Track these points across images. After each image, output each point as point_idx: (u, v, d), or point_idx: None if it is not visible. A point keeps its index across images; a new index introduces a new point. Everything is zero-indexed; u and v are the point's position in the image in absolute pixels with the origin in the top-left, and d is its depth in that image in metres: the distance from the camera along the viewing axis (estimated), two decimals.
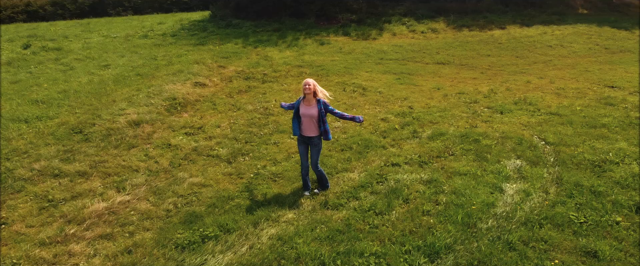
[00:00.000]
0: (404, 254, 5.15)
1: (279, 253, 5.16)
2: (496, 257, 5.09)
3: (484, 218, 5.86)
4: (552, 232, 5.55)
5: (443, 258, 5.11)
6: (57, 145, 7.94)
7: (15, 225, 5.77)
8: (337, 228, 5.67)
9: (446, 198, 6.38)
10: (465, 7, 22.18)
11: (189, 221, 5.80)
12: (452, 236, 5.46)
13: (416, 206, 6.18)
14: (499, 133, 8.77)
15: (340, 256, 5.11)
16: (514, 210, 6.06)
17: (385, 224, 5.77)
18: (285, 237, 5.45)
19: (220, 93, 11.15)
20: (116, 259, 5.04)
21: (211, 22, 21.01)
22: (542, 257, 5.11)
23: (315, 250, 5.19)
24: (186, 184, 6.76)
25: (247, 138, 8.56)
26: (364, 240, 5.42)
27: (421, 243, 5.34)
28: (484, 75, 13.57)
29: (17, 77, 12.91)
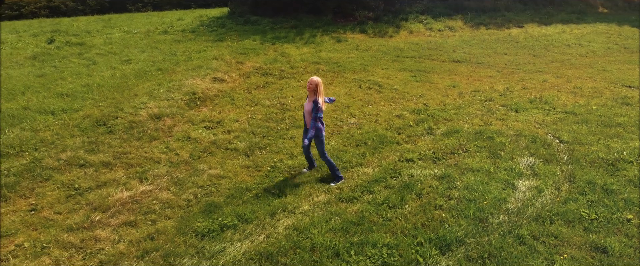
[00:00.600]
0: (415, 246, 5.30)
1: (295, 243, 5.35)
2: (506, 251, 5.21)
3: (495, 213, 5.98)
4: (562, 228, 5.65)
5: (454, 250, 5.25)
6: (82, 137, 8.24)
7: (44, 211, 6.06)
8: (351, 220, 5.84)
9: (459, 193, 6.51)
10: (483, 5, 22.11)
11: (208, 211, 6.03)
12: (464, 229, 5.59)
13: (429, 200, 6.32)
14: (513, 131, 8.84)
15: (354, 247, 5.28)
16: (525, 206, 6.17)
17: (398, 217, 5.92)
18: (300, 227, 5.64)
19: (239, 88, 11.39)
20: (140, 245, 5.29)
21: (230, 19, 21.28)
22: (551, 251, 5.21)
23: (330, 240, 5.37)
24: (206, 176, 7.00)
25: (264, 133, 8.78)
26: (377, 231, 5.58)
27: (433, 235, 5.48)
28: (500, 73, 13.59)
29: (43, 71, 13.30)
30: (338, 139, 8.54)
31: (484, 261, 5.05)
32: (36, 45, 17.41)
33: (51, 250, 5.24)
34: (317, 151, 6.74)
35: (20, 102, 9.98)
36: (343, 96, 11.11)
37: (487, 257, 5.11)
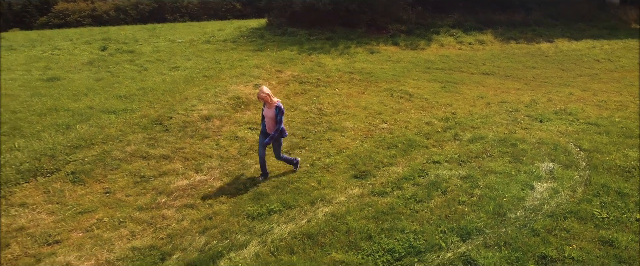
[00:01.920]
0: (439, 233, 6.01)
1: (333, 227, 6.14)
2: (521, 240, 5.87)
3: (513, 209, 6.64)
4: (574, 224, 6.27)
5: (473, 238, 5.94)
6: (142, 133, 9.27)
7: (116, 193, 7.04)
8: (382, 210, 6.60)
9: (480, 191, 7.19)
10: (514, 19, 22.57)
11: (256, 198, 6.89)
12: (483, 221, 6.28)
13: (453, 197, 7.02)
14: (536, 139, 9.43)
15: (384, 232, 6.04)
16: (541, 204, 6.80)
17: (424, 210, 6.64)
18: (337, 214, 6.43)
19: (279, 95, 12.29)
20: (200, 223, 6.18)
21: (268, 30, 22.37)
22: (562, 243, 5.85)
23: (363, 226, 6.14)
24: (252, 169, 7.88)
25: (303, 134, 9.63)
26: (405, 220, 6.32)
27: (455, 225, 6.19)
28: (527, 86, 14.12)
29: (99, 75, 14.54)
30: (371, 142, 9.31)
31: (499, 247, 5.72)
32: (90, 52, 18.81)
33: (127, 224, 6.19)
34: (274, 153, 7.57)
35: (85, 102, 11.13)
36: (375, 104, 11.89)
37: (503, 245, 5.78)
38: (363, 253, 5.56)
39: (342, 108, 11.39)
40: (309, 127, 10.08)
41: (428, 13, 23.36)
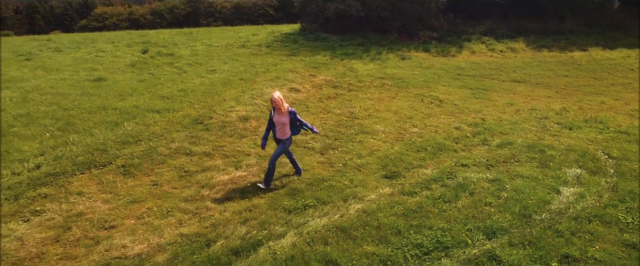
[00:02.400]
0: (465, 231, 6.33)
1: (364, 222, 6.53)
2: (545, 240, 6.13)
3: (538, 211, 6.89)
4: (599, 227, 6.48)
5: (498, 237, 6.23)
6: (184, 132, 9.86)
7: (163, 186, 7.60)
8: (411, 208, 6.96)
9: (507, 194, 7.45)
10: (547, 27, 22.52)
11: (292, 194, 7.34)
12: (509, 222, 6.56)
13: (480, 198, 7.31)
14: (565, 146, 9.61)
15: (413, 228, 6.39)
16: (567, 207, 7.03)
17: (451, 209, 6.96)
18: (369, 211, 6.82)
19: (312, 98, 12.77)
20: (241, 214, 6.67)
21: (301, 35, 22.93)
22: (585, 244, 6.08)
23: (393, 222, 6.51)
24: (288, 167, 8.33)
25: (336, 136, 10.05)
26: (433, 218, 6.66)
27: (481, 224, 6.49)
28: (558, 94, 14.21)
29: (142, 76, 15.31)
30: (401, 145, 9.66)
31: (524, 246, 6.00)
32: (132, 55, 19.70)
33: (174, 213, 6.72)
34: (273, 153, 7.54)
35: (131, 102, 11.83)
36: (406, 108, 12.22)
37: (527, 244, 6.06)
38: (393, 247, 5.93)
39: (374, 112, 11.77)
40: (341, 129, 10.49)
41: (460, 20, 23.53)
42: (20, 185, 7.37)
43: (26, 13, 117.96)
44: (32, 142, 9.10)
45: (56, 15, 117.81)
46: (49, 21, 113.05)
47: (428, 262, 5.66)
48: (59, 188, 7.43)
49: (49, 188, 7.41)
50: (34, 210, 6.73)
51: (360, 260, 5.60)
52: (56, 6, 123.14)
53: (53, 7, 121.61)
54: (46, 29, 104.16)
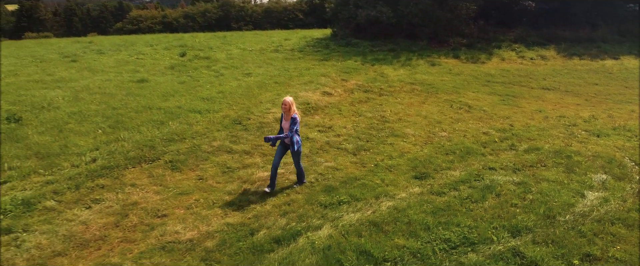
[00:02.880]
0: (491, 229, 6.71)
1: (395, 217, 6.99)
2: (568, 240, 6.47)
3: (563, 213, 7.22)
4: (621, 229, 6.78)
5: (523, 235, 6.60)
6: (225, 131, 10.49)
7: (208, 180, 8.22)
8: (440, 207, 7.37)
9: (532, 196, 7.79)
10: (578, 35, 22.50)
11: (327, 191, 7.85)
12: (533, 222, 6.92)
13: (506, 199, 7.67)
14: (592, 152, 9.85)
15: (441, 225, 6.81)
16: (590, 210, 7.33)
17: (478, 209, 7.35)
18: (399, 208, 7.27)
19: (344, 102, 13.27)
20: (280, 207, 7.21)
21: (332, 41, 23.50)
22: (607, 245, 6.39)
23: (423, 218, 6.94)
24: (323, 166, 8.85)
25: (367, 138, 10.53)
26: (461, 216, 7.06)
27: (506, 223, 6.86)
28: (588, 102, 14.34)
29: (181, 79, 16.09)
30: (430, 148, 10.06)
31: (547, 244, 6.36)
32: (171, 57, 20.60)
33: (219, 204, 7.32)
34: (294, 161, 7.88)
35: (173, 102, 12.56)
36: (435, 113, 12.60)
37: (551, 242, 6.41)
38: (422, 241, 6.37)
39: (404, 116, 12.20)
40: (372, 131, 10.96)
41: (490, 27, 23.71)
42: (79, 176, 8.09)
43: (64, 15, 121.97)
44: (87, 137, 9.87)
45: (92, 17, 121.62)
46: (86, 23, 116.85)
47: (455, 256, 6.07)
48: (114, 179, 8.12)
49: (105, 179, 8.11)
50: (94, 199, 7.43)
51: (392, 251, 6.06)
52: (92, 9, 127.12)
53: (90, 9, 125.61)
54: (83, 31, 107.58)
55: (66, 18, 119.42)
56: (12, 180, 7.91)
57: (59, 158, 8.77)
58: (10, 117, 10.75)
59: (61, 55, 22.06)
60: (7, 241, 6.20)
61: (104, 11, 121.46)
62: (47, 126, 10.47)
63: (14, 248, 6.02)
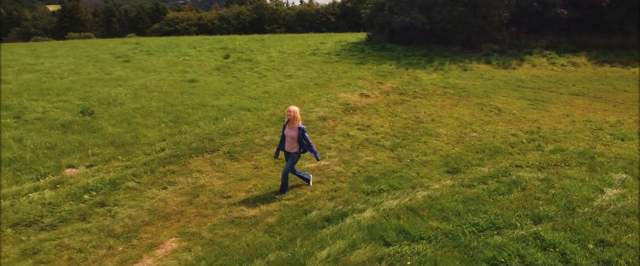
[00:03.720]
0: (515, 216, 7.59)
1: (429, 204, 7.93)
2: (584, 228, 7.29)
3: (582, 206, 8.02)
4: (634, 221, 7.54)
5: (544, 223, 7.45)
6: (273, 127, 11.61)
7: (263, 169, 9.34)
8: (469, 197, 8.28)
9: (554, 191, 8.60)
10: (611, 43, 22.84)
11: (368, 180, 8.85)
12: (554, 212, 7.75)
13: (530, 193, 8.51)
14: (614, 154, 10.54)
15: (471, 212, 7.72)
16: (608, 204, 8.11)
17: (504, 200, 8.22)
18: (433, 197, 8.21)
19: (381, 103, 14.24)
20: (328, 193, 8.25)
21: (367, 45, 24.47)
22: (621, 233, 7.18)
23: (454, 206, 7.87)
24: (363, 160, 9.86)
25: (403, 136, 11.48)
26: (488, 205, 7.95)
27: (529, 212, 7.72)
28: (615, 108, 14.91)
29: (227, 79, 17.34)
30: (461, 146, 10.95)
31: (565, 231, 7.20)
32: (215, 59, 21.95)
33: (274, 189, 8.41)
34: (285, 168, 8.21)
35: (224, 101, 13.78)
36: (467, 115, 13.44)
37: (569, 230, 7.24)
38: (453, 224, 7.31)
39: (437, 118, 13.09)
40: (408, 131, 11.90)
41: (522, 34, 24.26)
42: (152, 162, 9.32)
43: (103, 16, 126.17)
44: (153, 130, 11.14)
45: (130, 18, 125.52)
46: (123, 24, 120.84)
47: (483, 237, 6.99)
48: (182, 166, 9.33)
49: (174, 166, 9.32)
50: (168, 181, 8.63)
51: (427, 231, 7.02)
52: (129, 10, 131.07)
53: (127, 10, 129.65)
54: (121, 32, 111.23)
55: (105, 19, 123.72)
56: (96, 164, 9.21)
57: (132, 147, 10.05)
58: (85, 111, 12.13)
59: (113, 55, 23.69)
60: (103, 212, 7.43)
61: (141, 12, 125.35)
62: (117, 119, 11.81)
63: (109, 217, 7.25)
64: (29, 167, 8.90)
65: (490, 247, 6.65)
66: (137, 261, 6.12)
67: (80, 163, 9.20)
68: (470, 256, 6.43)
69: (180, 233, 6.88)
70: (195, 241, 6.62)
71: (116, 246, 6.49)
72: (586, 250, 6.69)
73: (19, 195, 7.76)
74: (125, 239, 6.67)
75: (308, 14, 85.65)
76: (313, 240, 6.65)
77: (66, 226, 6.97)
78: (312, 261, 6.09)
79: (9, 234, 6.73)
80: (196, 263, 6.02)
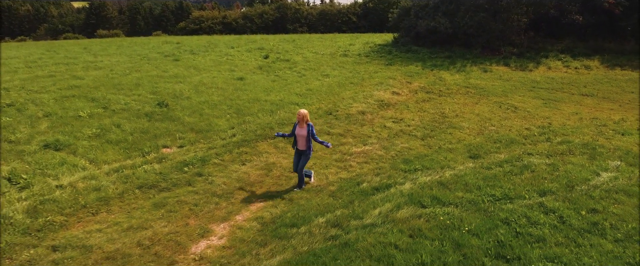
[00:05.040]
0: (525, 191, 9.55)
1: (456, 180, 9.94)
2: (580, 200, 9.22)
3: (579, 184, 9.94)
4: (622, 197, 9.44)
5: (547, 196, 9.40)
6: (321, 119, 13.72)
7: (318, 153, 11.44)
8: (488, 176, 10.26)
9: (558, 173, 10.53)
10: (623, 48, 24.43)
11: (405, 162, 10.90)
12: (556, 188, 9.70)
13: (538, 174, 10.45)
14: (614, 146, 12.39)
15: (489, 186, 9.70)
16: (602, 184, 10.01)
17: (516, 179, 10.17)
18: (459, 175, 10.22)
19: (410, 100, 16.25)
20: (373, 171, 10.33)
21: (394, 47, 26.45)
22: (609, 204, 9.08)
23: (475, 182, 9.86)
24: (399, 147, 11.90)
25: (431, 128, 13.48)
26: (503, 183, 9.93)
27: (536, 188, 9.68)
28: (621, 107, 16.68)
29: (271, 78, 19.50)
30: (481, 138, 12.91)
31: (564, 201, 9.14)
32: (256, 59, 24.15)
33: (331, 167, 10.51)
34: (300, 165, 9.25)
35: (274, 97, 15.92)
36: (486, 112, 15.38)
37: (567, 201, 9.18)
38: (475, 194, 9.31)
39: (460, 114, 15.05)
40: (435, 124, 13.91)
41: (540, 38, 25.98)
42: (228, 145, 11.50)
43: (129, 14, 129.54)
44: (222, 119, 13.35)
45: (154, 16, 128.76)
46: (148, 22, 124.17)
47: (498, 204, 8.98)
48: (252, 148, 11.49)
49: (246, 148, 11.48)
50: (245, 159, 10.80)
51: (454, 199, 9.04)
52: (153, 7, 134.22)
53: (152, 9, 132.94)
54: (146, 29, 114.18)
55: (130, 16, 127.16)
56: (185, 145, 11.44)
57: (209, 133, 12.25)
58: (161, 103, 14.39)
59: (161, 54, 26.07)
60: (202, 180, 9.64)
61: (165, 10, 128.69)
62: (189, 111, 14.04)
63: (208, 184, 9.44)
64: (134, 146, 11.17)
65: (503, 211, 8.65)
66: (238, 213, 8.29)
67: (172, 145, 11.45)
68: (488, 217, 8.43)
69: (265, 195, 9.03)
70: (278, 201, 8.77)
71: (220, 202, 8.67)
72: (579, 215, 8.63)
73: (135, 167, 10.02)
74: (226, 198, 8.84)
75: (330, 13, 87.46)
76: (367, 203, 8.73)
77: (178, 189, 9.19)
78: (368, 216, 8.18)
79: (138, 193, 8.98)
80: (283, 214, 8.16)
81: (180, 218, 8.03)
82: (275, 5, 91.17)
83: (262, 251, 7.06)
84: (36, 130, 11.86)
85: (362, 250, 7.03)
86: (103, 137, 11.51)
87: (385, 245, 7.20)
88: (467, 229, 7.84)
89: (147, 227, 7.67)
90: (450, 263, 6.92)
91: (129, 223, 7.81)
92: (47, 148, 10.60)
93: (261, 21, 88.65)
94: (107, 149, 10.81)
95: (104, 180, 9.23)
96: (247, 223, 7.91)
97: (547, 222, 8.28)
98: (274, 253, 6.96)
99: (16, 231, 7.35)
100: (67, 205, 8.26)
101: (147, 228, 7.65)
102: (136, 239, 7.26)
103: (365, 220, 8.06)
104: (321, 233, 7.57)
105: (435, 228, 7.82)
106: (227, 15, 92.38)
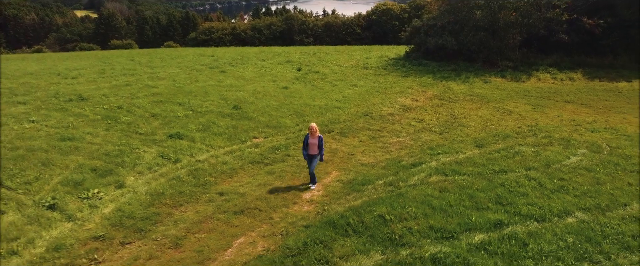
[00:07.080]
0: (515, 167, 13.68)
1: (467, 161, 14.08)
2: (554, 173, 13.35)
3: (555, 163, 14.09)
4: (583, 171, 13.57)
5: (531, 171, 13.53)
6: (361, 119, 17.89)
7: (365, 142, 15.58)
8: (489, 158, 14.40)
9: (540, 157, 14.69)
10: (603, 62, 28.72)
11: (430, 148, 15.05)
12: (538, 166, 13.84)
13: (526, 157, 14.59)
14: (583, 139, 16.56)
15: (490, 164, 13.84)
16: (571, 163, 14.18)
17: (510, 160, 14.31)
18: (469, 157, 14.35)
19: (427, 105, 20.44)
20: (408, 154, 14.46)
21: (406, 60, 30.70)
22: (573, 176, 13.21)
23: (481, 161, 13.99)
24: (424, 138, 16.05)
25: (446, 126, 17.66)
26: (500, 162, 14.06)
27: (523, 166, 13.82)
28: (595, 112, 20.90)
29: (309, 87, 23.67)
30: (484, 133, 17.07)
31: (542, 173, 13.28)
32: (290, 71, 28.35)
33: (376, 152, 14.64)
34: (310, 167, 11.73)
35: (319, 103, 20.08)
36: (487, 115, 19.57)
37: (544, 174, 13.31)
38: (480, 169, 13.44)
39: (467, 116, 19.24)
40: (448, 123, 18.08)
41: (531, 54, 30.27)
42: (299, 136, 15.64)
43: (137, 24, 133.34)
44: (287, 119, 17.50)
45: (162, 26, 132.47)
46: (156, 32, 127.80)
47: (496, 175, 13.13)
48: None
49: None
50: None
51: (467, 171, 13.18)
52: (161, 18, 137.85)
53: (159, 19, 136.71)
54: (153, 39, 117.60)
55: (138, 26, 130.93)
56: (268, 137, 15.58)
57: (281, 129, 16.41)
58: (236, 107, 18.54)
59: (206, 66, 30.25)
60: (291, 159, 13.78)
61: (172, 20, 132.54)
62: (259, 112, 18.19)
63: (296, 161, 13.58)
64: (233, 136, 15.32)
65: (500, 179, 12.81)
66: (324, 178, 12.42)
67: (259, 136, 15.60)
68: (490, 182, 12.59)
69: (337, 168, 13.17)
70: (346, 172, 12.91)
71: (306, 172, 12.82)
72: (552, 181, 12.78)
73: (242, 150, 14.17)
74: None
75: (335, 25, 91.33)
76: (408, 173, 12.89)
77: (277, 164, 13.34)
78: (410, 180, 12.33)
79: (253, 166, 13.12)
80: (355, 178, 12.30)
81: (289, 179, 12.19)
82: (282, 17, 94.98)
83: (347, 197, 11.20)
84: (153, 126, 16.01)
85: (411, 197, 11.18)
86: (208, 130, 15.68)
87: (424, 195, 11.35)
88: (476, 188, 12.01)
89: (270, 184, 11.82)
90: (467, 206, 11.06)
91: (258, 181, 11.97)
92: (172, 138, 14.75)
93: (269, 32, 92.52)
94: (216, 138, 14.97)
95: (226, 158, 13.39)
96: (332, 183, 12.06)
97: (530, 185, 12.43)
98: (355, 198, 11.10)
99: (190, 184, 11.51)
100: (211, 172, 12.42)
101: (270, 184, 11.81)
102: (267, 189, 11.42)
103: (409, 182, 12.22)
104: (382, 188, 11.73)
105: (456, 187, 11.97)
106: (237, 27, 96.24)
